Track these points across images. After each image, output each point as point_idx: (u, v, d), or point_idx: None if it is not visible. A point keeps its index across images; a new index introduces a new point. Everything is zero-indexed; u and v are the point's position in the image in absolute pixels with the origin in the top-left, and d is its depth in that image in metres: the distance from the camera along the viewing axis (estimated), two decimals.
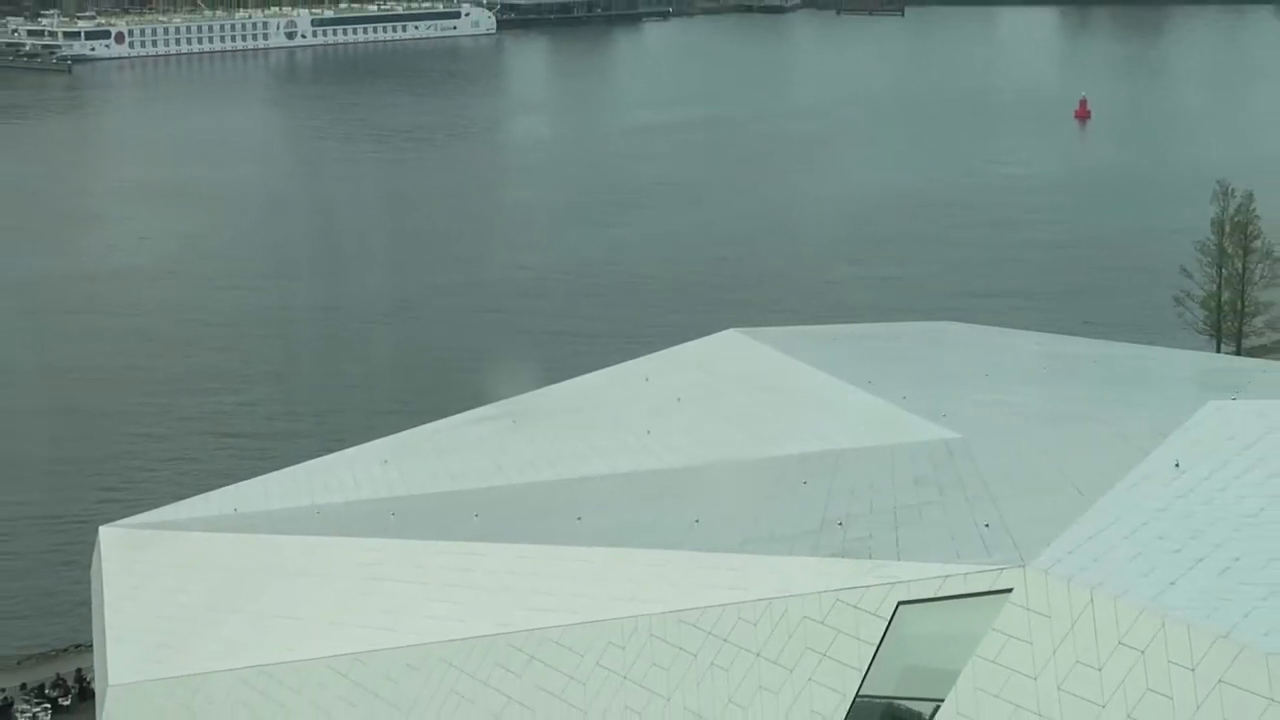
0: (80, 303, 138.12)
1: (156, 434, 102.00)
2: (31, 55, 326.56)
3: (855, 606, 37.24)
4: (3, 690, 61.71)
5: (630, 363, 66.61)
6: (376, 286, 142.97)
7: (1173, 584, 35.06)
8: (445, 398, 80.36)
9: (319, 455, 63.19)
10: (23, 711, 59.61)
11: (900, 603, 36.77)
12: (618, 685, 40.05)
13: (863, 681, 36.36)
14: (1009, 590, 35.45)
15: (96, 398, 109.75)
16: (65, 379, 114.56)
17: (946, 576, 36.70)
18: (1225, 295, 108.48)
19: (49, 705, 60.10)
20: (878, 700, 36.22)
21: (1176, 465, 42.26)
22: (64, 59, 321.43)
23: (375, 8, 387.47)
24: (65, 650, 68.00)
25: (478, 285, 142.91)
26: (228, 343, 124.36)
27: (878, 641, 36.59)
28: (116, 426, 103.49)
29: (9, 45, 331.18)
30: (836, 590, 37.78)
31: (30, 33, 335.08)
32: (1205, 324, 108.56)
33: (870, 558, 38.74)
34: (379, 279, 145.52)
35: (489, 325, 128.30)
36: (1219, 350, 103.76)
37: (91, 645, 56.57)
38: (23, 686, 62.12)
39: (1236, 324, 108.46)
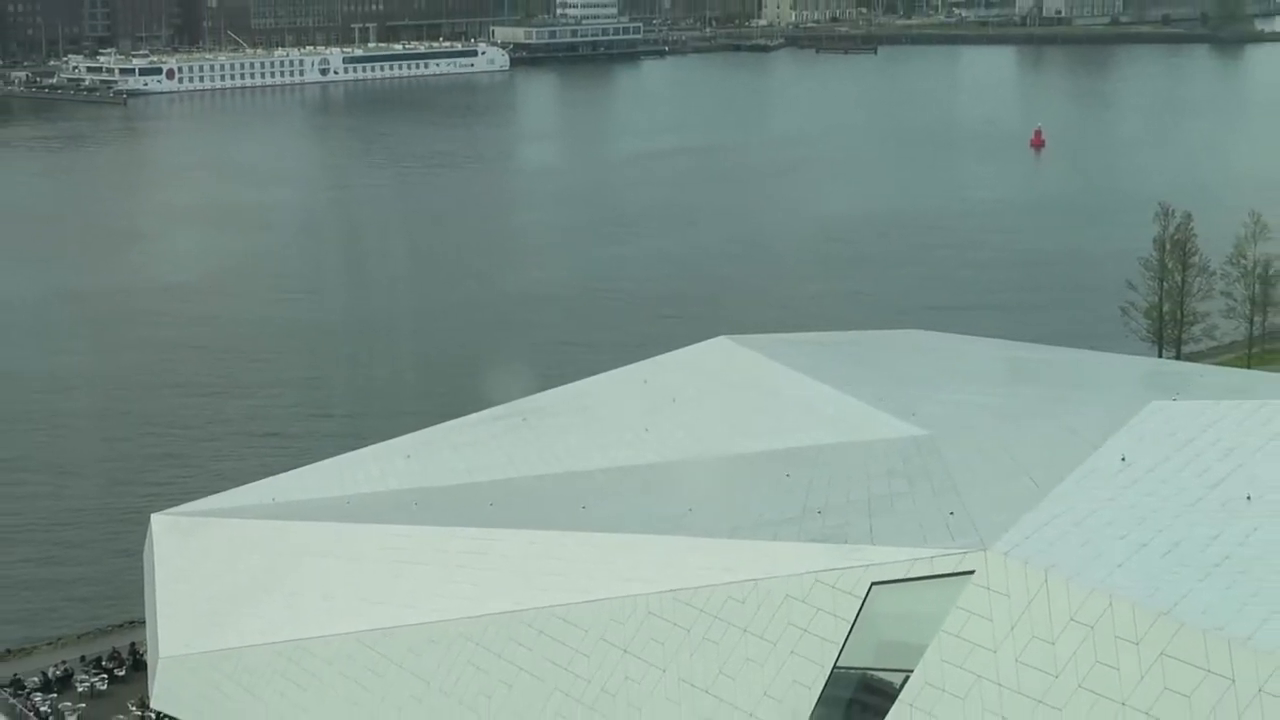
0: (133, 314, 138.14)
1: (202, 432, 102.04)
2: (90, 89, 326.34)
3: (833, 586, 37.28)
4: (64, 662, 61.69)
5: (630, 366, 66.60)
6: (399, 299, 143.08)
7: (1119, 566, 35.09)
8: (461, 398, 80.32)
9: (348, 451, 63.18)
10: (82, 681, 59.59)
11: (873, 583, 36.81)
12: (618, 658, 40.08)
13: (839, 654, 36.40)
14: (971, 572, 35.50)
15: (147, 400, 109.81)
16: (119, 383, 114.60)
17: (915, 559, 36.74)
18: (1166, 306, 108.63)
19: (106, 675, 60.04)
20: (853, 671, 36.25)
21: (1123, 459, 42.31)
22: (120, 93, 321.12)
23: (400, 47, 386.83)
24: (120, 626, 67.92)
25: (491, 297, 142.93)
26: (266, 350, 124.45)
27: (853, 618, 36.64)
28: (165, 425, 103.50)
29: (70, 80, 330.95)
30: (816, 572, 37.82)
31: (90, 69, 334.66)
32: (1148, 332, 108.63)
33: (846, 542, 38.79)
34: (401, 292, 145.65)
35: (501, 333, 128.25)
36: (1160, 356, 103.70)
37: (144, 621, 56.57)
38: (82, 658, 62.11)
39: (1176, 332, 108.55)
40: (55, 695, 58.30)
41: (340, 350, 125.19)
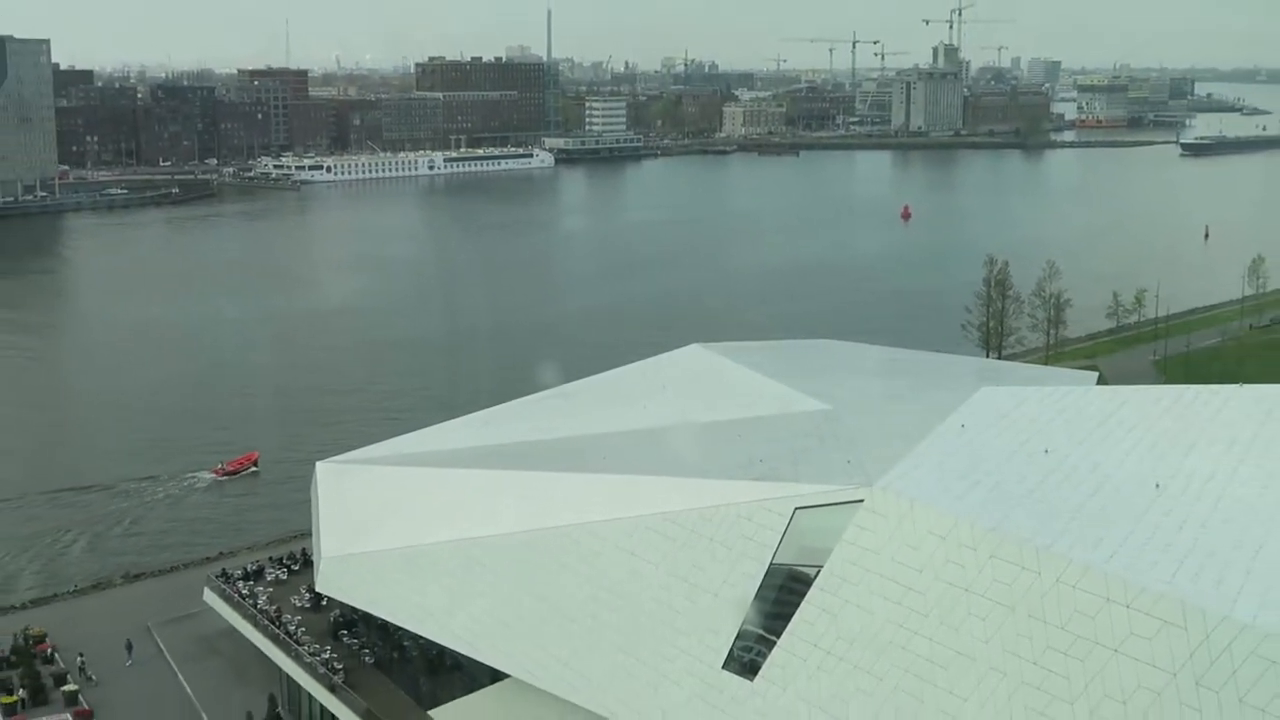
0: (300, 329, 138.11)
1: (347, 411, 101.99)
2: (276, 180, 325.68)
3: (769, 510, 37.33)
4: (257, 560, 61.72)
5: (632, 364, 66.50)
6: (477, 319, 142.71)
7: (960, 498, 35.16)
8: (520, 385, 79.85)
9: (445, 420, 63.06)
10: (269, 573, 59.65)
11: (796, 508, 36.87)
12: (627, 558, 40.13)
13: (774, 555, 36.46)
14: (861, 500, 35.54)
15: (310, 390, 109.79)
16: (292, 376, 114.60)
17: (824, 491, 36.80)
18: (991, 323, 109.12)
19: (285, 569, 60.07)
20: (783, 566, 36.32)
21: (962, 426, 42.35)
22: (295, 182, 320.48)
23: (482, 151, 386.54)
24: (295, 536, 68.03)
25: (538, 318, 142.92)
26: (386, 354, 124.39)
27: (783, 531, 36.71)
28: (322, 409, 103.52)
29: (262, 174, 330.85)
30: (758, 500, 37.88)
31: (275, 166, 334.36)
32: (980, 341, 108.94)
33: (778, 481, 38.85)
34: (479, 315, 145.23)
35: (545, 341, 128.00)
36: (988, 357, 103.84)
37: (311, 533, 56.52)
38: (270, 558, 62.16)
39: (998, 340, 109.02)
40: (251, 583, 58.28)
41: (437, 354, 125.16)
